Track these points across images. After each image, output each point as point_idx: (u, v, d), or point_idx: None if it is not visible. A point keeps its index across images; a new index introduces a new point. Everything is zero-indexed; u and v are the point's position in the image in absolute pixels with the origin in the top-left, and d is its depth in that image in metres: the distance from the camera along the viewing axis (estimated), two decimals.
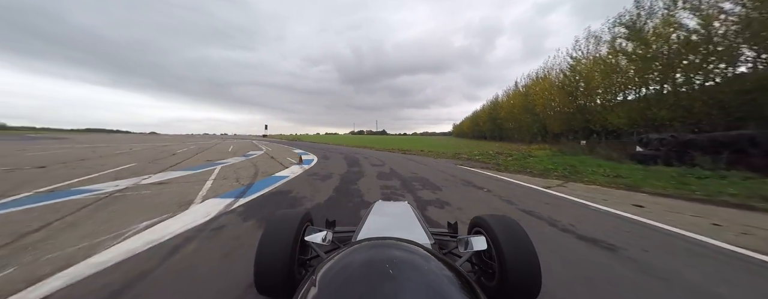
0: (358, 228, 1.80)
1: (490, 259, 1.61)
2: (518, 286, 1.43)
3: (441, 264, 0.78)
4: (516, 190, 6.24)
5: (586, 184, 7.05)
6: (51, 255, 2.49)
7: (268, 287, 1.48)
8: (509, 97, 45.89)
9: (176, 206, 4.19)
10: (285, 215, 1.78)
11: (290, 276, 1.47)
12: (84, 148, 17.05)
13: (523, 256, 1.48)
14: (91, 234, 2.99)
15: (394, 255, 0.80)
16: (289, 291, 1.30)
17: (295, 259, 1.55)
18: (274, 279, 1.46)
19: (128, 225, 3.27)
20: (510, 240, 1.54)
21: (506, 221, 1.71)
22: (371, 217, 1.97)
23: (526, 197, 5.45)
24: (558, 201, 5.11)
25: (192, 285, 2.02)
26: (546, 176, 8.29)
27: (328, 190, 5.83)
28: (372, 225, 1.79)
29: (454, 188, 6.29)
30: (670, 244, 3.10)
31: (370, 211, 2.18)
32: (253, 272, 1.48)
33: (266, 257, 1.49)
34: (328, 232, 1.46)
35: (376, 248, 0.88)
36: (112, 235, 2.96)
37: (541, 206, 4.70)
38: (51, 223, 3.30)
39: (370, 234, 1.61)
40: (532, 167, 10.28)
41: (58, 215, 3.62)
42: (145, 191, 5.21)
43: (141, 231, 3.09)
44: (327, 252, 1.62)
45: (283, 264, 1.46)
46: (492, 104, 57.03)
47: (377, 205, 2.40)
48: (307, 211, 1.92)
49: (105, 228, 3.19)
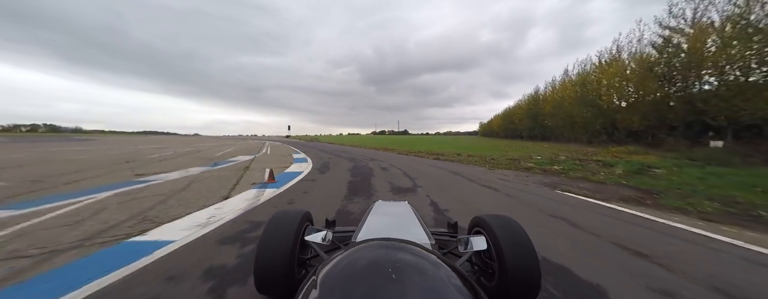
0: (358, 228, 1.75)
1: (490, 259, 1.58)
2: (518, 286, 1.40)
3: (443, 265, 0.78)
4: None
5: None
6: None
7: (268, 286, 1.48)
8: (556, 89, 38.95)
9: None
10: (285, 214, 1.77)
11: (290, 276, 1.46)
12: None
13: (522, 256, 1.45)
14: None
15: (397, 255, 0.79)
16: (289, 291, 1.33)
17: (295, 259, 1.53)
18: (274, 278, 1.45)
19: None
20: (510, 241, 1.51)
21: (506, 222, 1.67)
22: (371, 217, 1.92)
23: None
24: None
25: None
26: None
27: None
28: (372, 225, 1.76)
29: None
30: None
31: (370, 211, 2.09)
32: (253, 271, 1.47)
33: (266, 256, 1.48)
34: (328, 232, 1.50)
35: (379, 248, 0.86)
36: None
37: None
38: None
39: (370, 234, 1.58)
40: (698, 196, 4.87)
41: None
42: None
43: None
44: (327, 251, 1.66)
45: (282, 263, 1.46)
46: (530, 98, 49.77)
47: (377, 205, 2.29)
48: (306, 211, 1.89)
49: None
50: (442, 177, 7.74)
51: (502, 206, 4.48)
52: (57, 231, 3.17)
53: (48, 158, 11.92)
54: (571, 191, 5.69)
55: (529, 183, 6.68)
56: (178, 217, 3.73)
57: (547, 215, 3.98)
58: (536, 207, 4.41)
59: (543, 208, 4.34)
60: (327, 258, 0.85)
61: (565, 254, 2.63)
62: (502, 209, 4.34)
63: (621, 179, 7.11)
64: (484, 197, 5.15)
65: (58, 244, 2.79)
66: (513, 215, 1.94)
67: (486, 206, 4.53)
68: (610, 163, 10.39)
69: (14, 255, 2.56)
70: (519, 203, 4.69)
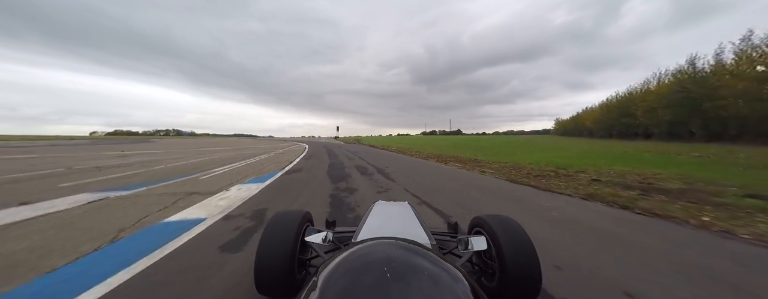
0: (358, 228, 1.71)
1: (491, 259, 1.59)
2: (517, 286, 1.40)
3: (443, 264, 0.77)
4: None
5: None
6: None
7: (269, 287, 1.48)
8: (740, 59, 24.09)
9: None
10: (285, 215, 1.79)
11: (290, 277, 1.47)
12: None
13: (522, 256, 1.45)
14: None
15: (398, 255, 0.78)
16: (289, 292, 1.40)
17: (295, 259, 1.54)
18: (274, 279, 1.46)
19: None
20: (510, 241, 1.50)
21: (506, 222, 1.66)
22: (371, 217, 1.87)
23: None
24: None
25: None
26: None
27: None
28: (372, 225, 1.72)
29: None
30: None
31: (370, 211, 2.02)
32: (253, 272, 1.47)
33: (266, 257, 1.49)
34: (328, 232, 1.55)
35: (379, 247, 0.85)
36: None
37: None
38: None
39: (370, 234, 1.53)
40: None
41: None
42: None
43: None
44: (327, 252, 1.66)
45: (283, 264, 1.47)
46: (674, 80, 34.15)
47: (377, 205, 2.21)
48: (306, 211, 1.90)
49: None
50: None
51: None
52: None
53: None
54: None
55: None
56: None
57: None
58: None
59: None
60: (327, 259, 0.85)
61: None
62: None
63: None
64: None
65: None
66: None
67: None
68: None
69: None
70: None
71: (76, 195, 4.73)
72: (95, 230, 3.05)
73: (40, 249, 2.52)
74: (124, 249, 2.54)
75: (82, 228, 3.10)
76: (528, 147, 21.80)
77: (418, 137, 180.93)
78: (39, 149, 19.96)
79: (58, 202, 4.25)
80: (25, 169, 8.20)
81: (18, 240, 2.74)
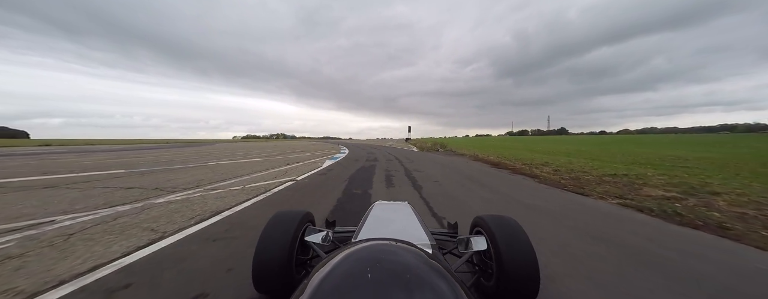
0: (358, 228, 1.75)
1: (490, 259, 1.58)
2: (516, 287, 1.40)
3: (433, 265, 0.77)
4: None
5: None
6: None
7: (266, 285, 1.49)
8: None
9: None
10: (285, 215, 1.76)
11: (289, 276, 1.48)
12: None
13: (521, 257, 1.44)
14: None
15: (385, 256, 0.78)
16: (288, 291, 1.22)
17: (294, 259, 1.55)
18: (272, 278, 1.47)
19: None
20: (509, 241, 1.50)
21: (506, 222, 1.65)
22: (371, 217, 1.91)
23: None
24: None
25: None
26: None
27: None
28: (372, 225, 1.75)
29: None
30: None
31: (370, 211, 2.07)
32: (252, 271, 1.48)
33: (265, 257, 1.49)
34: (328, 232, 1.56)
35: (368, 249, 0.85)
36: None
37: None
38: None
39: (370, 235, 1.58)
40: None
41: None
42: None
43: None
44: (327, 252, 1.65)
45: (281, 263, 1.47)
46: None
47: (377, 205, 2.27)
48: (307, 211, 1.89)
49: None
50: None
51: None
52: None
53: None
54: None
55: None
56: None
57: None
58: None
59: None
60: (323, 259, 0.87)
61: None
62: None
63: None
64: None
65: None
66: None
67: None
68: None
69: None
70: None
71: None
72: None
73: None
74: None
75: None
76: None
77: (500, 137, 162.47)
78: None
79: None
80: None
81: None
